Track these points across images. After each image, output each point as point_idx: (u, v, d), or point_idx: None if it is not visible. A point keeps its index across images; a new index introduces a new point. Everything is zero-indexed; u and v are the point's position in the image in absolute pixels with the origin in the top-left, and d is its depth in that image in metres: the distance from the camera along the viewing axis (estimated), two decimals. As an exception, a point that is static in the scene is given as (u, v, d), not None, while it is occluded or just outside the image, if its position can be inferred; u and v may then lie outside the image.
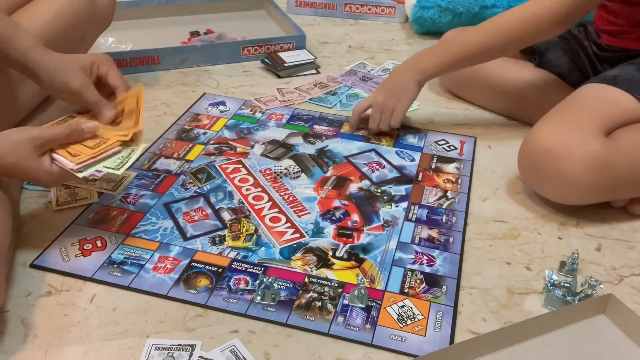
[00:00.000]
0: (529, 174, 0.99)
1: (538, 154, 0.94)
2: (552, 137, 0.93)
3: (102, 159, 0.79)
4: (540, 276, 0.86)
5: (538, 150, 0.94)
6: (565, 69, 1.21)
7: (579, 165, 0.90)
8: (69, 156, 0.77)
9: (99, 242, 0.87)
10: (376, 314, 0.78)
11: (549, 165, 0.93)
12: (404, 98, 1.12)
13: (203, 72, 1.42)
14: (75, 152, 0.78)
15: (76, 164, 0.76)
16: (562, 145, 0.91)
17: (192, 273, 0.83)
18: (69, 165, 0.76)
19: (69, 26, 1.00)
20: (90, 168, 0.77)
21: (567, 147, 0.91)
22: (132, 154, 0.80)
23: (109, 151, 0.80)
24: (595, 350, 0.74)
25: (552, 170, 0.92)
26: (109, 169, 0.78)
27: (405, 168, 1.08)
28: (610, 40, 1.13)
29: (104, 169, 0.78)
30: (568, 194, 0.95)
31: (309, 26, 1.71)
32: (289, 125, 1.20)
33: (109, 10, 1.17)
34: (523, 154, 0.98)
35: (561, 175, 0.91)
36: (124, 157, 0.80)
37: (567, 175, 0.91)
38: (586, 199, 0.96)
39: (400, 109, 1.13)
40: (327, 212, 0.96)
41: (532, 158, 0.96)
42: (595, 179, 0.91)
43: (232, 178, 1.03)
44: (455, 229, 0.94)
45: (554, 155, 0.92)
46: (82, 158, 0.77)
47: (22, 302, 0.78)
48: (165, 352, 0.71)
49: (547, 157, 0.92)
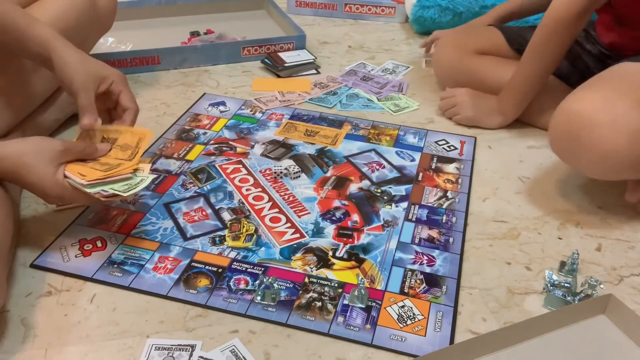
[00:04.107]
0: (563, 143, 0.91)
1: (578, 120, 0.86)
2: (595, 103, 0.85)
3: (111, 181, 0.80)
4: (540, 276, 0.86)
5: (578, 117, 0.86)
6: (565, 72, 1.22)
7: (624, 135, 0.83)
8: (80, 176, 0.79)
9: (99, 242, 0.87)
10: (376, 314, 0.78)
11: (590, 134, 0.85)
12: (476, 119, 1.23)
13: (203, 72, 1.42)
14: (85, 173, 0.79)
15: (87, 181, 0.78)
16: (606, 112, 0.84)
17: (192, 273, 0.83)
18: (79, 181, 0.78)
19: (70, 28, 1.00)
20: (99, 187, 0.79)
21: (612, 114, 0.84)
22: (141, 183, 0.82)
23: (118, 176, 0.81)
24: (595, 350, 0.74)
25: (592, 139, 0.85)
26: (116, 191, 0.79)
27: (405, 168, 1.08)
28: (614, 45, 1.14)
29: (110, 190, 0.79)
30: (607, 168, 0.88)
31: (309, 26, 1.71)
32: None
33: (110, 13, 1.17)
34: (559, 122, 0.90)
35: (603, 145, 0.84)
36: (131, 185, 0.81)
37: (610, 145, 0.84)
38: (624, 174, 0.91)
39: (462, 117, 1.23)
40: (327, 212, 0.96)
41: (569, 126, 0.88)
42: (638, 150, 0.84)
43: (232, 178, 1.03)
44: (455, 229, 0.94)
45: (596, 122, 0.84)
46: (93, 176, 0.79)
47: (22, 302, 0.78)
48: (165, 352, 0.71)
49: (589, 125, 0.85)
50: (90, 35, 1.13)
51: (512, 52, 1.28)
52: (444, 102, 1.27)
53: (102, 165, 0.83)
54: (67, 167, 0.79)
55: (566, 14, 1.03)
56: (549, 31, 1.07)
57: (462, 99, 1.24)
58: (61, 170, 0.78)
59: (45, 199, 0.80)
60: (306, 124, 1.21)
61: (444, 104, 1.27)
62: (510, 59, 1.27)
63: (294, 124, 1.21)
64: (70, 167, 0.79)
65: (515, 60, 1.25)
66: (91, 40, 1.16)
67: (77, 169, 0.80)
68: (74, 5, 1.03)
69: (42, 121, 1.08)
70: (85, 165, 0.82)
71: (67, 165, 0.80)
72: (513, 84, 1.17)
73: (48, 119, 1.10)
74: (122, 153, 0.85)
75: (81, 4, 1.04)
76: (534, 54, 1.11)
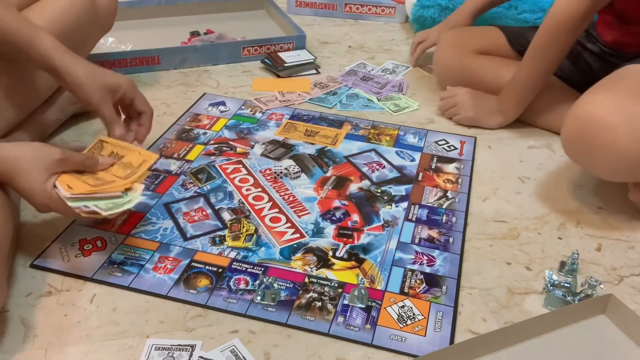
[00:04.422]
0: (576, 145, 0.91)
1: (590, 122, 0.87)
2: (608, 105, 0.86)
3: (96, 197, 0.78)
4: (540, 276, 0.86)
5: (590, 119, 0.87)
6: (566, 72, 1.22)
7: (637, 135, 0.84)
8: (67, 187, 0.77)
9: (99, 242, 0.87)
10: (376, 314, 0.78)
11: (603, 136, 0.85)
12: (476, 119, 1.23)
13: (203, 72, 1.42)
14: (73, 186, 0.78)
15: (70, 194, 0.76)
16: (619, 114, 0.85)
17: (192, 273, 0.83)
18: (63, 193, 0.76)
19: (70, 29, 1.00)
20: (82, 202, 0.77)
21: (625, 116, 0.84)
22: (127, 204, 0.79)
23: (106, 193, 0.79)
24: (595, 350, 0.74)
25: (605, 141, 0.85)
26: (97, 208, 0.77)
27: (405, 168, 1.08)
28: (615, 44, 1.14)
29: (93, 206, 0.77)
30: (620, 169, 0.89)
31: (309, 26, 1.71)
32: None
33: (111, 13, 1.17)
34: (571, 124, 0.91)
35: (616, 147, 0.85)
36: (116, 203, 0.79)
37: (623, 146, 0.84)
38: (636, 175, 0.91)
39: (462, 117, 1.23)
40: (327, 212, 0.96)
41: (582, 127, 0.88)
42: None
43: (232, 178, 1.03)
44: (455, 229, 0.94)
45: (609, 124, 0.85)
46: (78, 191, 0.77)
47: (22, 302, 0.78)
48: (165, 352, 0.71)
49: (601, 127, 0.85)
50: (90, 36, 1.13)
51: (513, 53, 1.28)
52: (444, 102, 1.27)
53: (96, 180, 0.81)
54: (60, 177, 0.78)
55: (568, 18, 1.03)
56: (551, 34, 1.07)
57: (462, 99, 1.24)
58: (52, 180, 0.77)
59: (33, 206, 0.79)
60: (306, 124, 1.21)
61: (444, 104, 1.27)
62: (510, 59, 1.27)
63: (294, 124, 1.21)
64: (62, 178, 0.78)
65: (515, 61, 1.25)
66: (91, 40, 1.16)
67: (68, 180, 0.78)
68: (74, 5, 1.03)
69: (43, 121, 1.09)
70: (79, 177, 0.80)
71: (61, 175, 0.78)
72: (513, 85, 1.17)
73: (48, 118, 1.10)
74: (122, 171, 0.84)
75: (81, 4, 1.04)
76: (535, 55, 1.11)
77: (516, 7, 1.54)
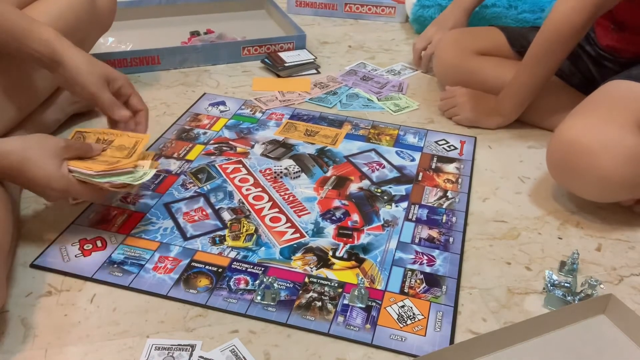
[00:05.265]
0: (560, 170, 0.95)
1: (571, 148, 0.90)
2: (587, 130, 0.89)
3: (116, 174, 0.82)
4: (540, 276, 0.86)
5: (571, 145, 0.90)
6: (566, 72, 1.22)
7: (616, 160, 0.87)
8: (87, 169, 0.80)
9: (99, 242, 0.87)
10: (376, 314, 0.78)
11: (584, 160, 0.88)
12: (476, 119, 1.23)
13: (203, 72, 1.42)
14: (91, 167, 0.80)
15: (95, 171, 0.79)
16: (597, 139, 0.87)
17: (192, 273, 0.83)
18: (87, 172, 0.79)
19: (69, 28, 1.00)
20: (107, 177, 0.80)
21: (603, 140, 0.87)
22: (144, 176, 0.83)
23: (122, 169, 0.82)
24: (595, 350, 0.74)
25: (586, 165, 0.88)
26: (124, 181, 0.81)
27: (405, 168, 1.08)
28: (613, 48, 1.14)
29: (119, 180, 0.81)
30: (603, 191, 0.92)
31: (309, 26, 1.71)
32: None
33: (110, 13, 1.17)
34: (554, 150, 0.94)
35: (597, 171, 0.88)
36: (135, 177, 0.82)
37: (603, 170, 0.87)
38: (619, 195, 0.94)
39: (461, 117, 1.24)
40: (327, 212, 0.96)
41: (564, 153, 0.91)
42: (631, 174, 0.88)
43: (232, 178, 1.03)
44: (455, 229, 0.94)
45: (589, 149, 0.88)
46: (99, 169, 0.80)
47: (22, 302, 0.78)
48: (165, 352, 0.71)
49: (582, 152, 0.88)
50: (89, 35, 1.13)
51: (513, 53, 1.28)
52: (443, 103, 1.27)
53: (103, 162, 0.83)
54: (69, 162, 0.80)
55: (568, 28, 1.03)
56: (550, 42, 1.07)
57: (462, 99, 1.23)
58: (65, 165, 0.79)
59: (48, 194, 0.80)
60: (306, 124, 1.21)
61: (444, 104, 1.26)
62: (511, 59, 1.27)
63: (294, 123, 1.21)
64: (73, 163, 0.80)
65: (516, 61, 1.25)
66: (90, 39, 1.16)
67: (78, 164, 0.81)
68: (73, 5, 1.03)
69: (43, 121, 1.08)
70: (84, 162, 0.82)
71: (69, 161, 0.80)
72: (512, 87, 1.17)
73: (48, 118, 1.10)
74: (119, 153, 0.86)
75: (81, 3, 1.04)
76: (534, 62, 1.11)
77: (516, 7, 1.54)
